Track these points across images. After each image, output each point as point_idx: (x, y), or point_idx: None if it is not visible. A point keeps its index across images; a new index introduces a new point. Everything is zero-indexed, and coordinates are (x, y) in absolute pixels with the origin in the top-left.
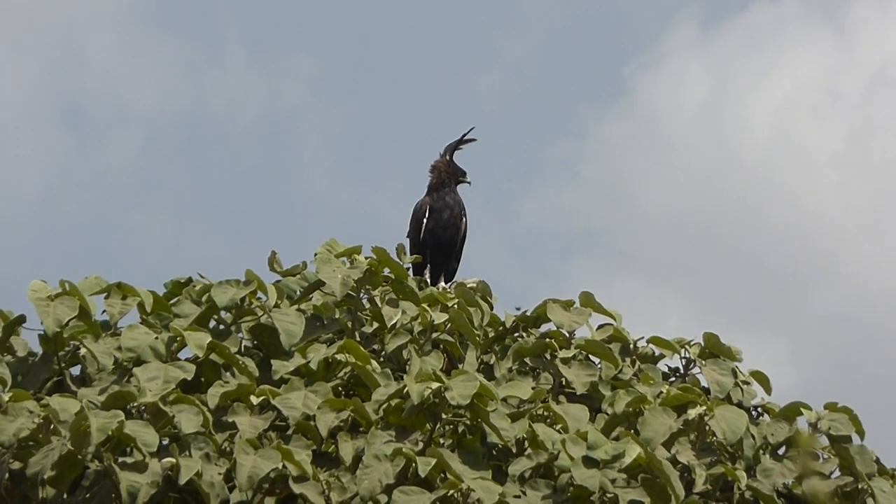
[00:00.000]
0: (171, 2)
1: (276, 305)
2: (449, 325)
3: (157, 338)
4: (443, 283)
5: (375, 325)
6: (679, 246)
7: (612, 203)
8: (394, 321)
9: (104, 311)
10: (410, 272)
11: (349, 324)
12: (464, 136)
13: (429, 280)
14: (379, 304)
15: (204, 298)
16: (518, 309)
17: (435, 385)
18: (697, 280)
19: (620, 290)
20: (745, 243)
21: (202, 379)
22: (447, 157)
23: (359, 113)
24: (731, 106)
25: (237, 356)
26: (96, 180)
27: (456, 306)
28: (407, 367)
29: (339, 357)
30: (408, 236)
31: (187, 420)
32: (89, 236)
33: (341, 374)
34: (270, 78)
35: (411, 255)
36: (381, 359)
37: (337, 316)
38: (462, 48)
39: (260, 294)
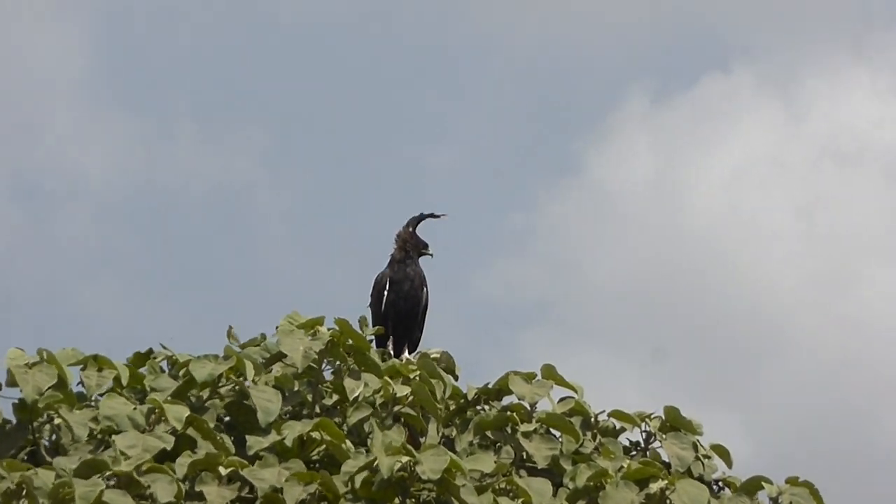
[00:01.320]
0: (123, 76)
1: (254, 381)
2: (411, 398)
3: (135, 408)
4: (407, 354)
5: (336, 397)
6: (632, 317)
7: (563, 275)
8: (356, 394)
9: (79, 383)
10: (374, 344)
11: (310, 396)
12: (432, 214)
13: (392, 351)
14: (341, 377)
15: (182, 373)
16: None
17: (405, 459)
18: (651, 351)
19: (575, 361)
20: (696, 315)
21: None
22: (410, 230)
23: (311, 185)
24: (680, 178)
25: (214, 431)
26: (49, 254)
27: (418, 378)
28: (368, 441)
29: (314, 435)
30: (370, 307)
31: (162, 489)
32: (41, 310)
33: (315, 452)
34: (222, 151)
35: (373, 326)
36: (342, 431)
37: (297, 388)
38: (413, 123)
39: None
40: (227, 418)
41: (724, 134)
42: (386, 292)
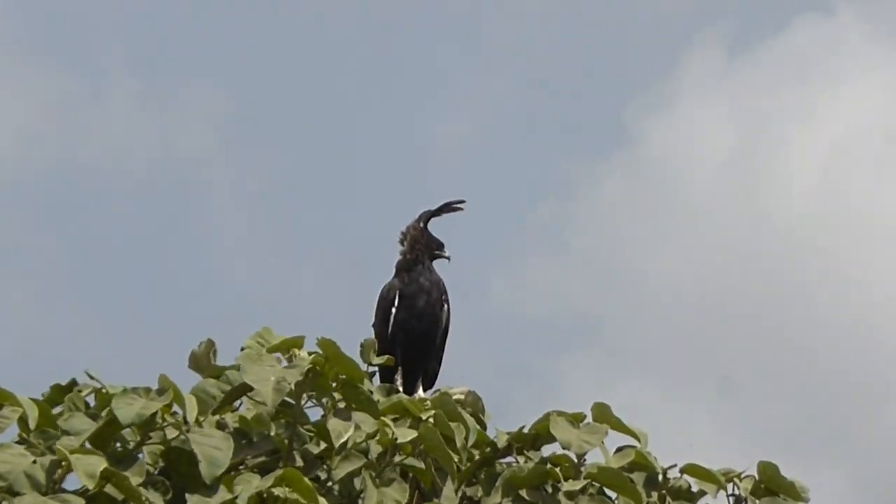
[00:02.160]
0: (37, 19)
1: (198, 422)
2: (419, 445)
3: (35, 462)
4: (420, 392)
5: (323, 444)
6: (702, 338)
7: (612, 282)
8: (343, 439)
9: None
10: (376, 377)
11: (286, 442)
12: (450, 204)
13: (400, 387)
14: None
15: (104, 413)
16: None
17: None
18: (724, 385)
19: (625, 395)
20: (789, 337)
21: None
22: (422, 225)
23: (283, 163)
24: (765, 155)
25: (141, 489)
26: None
27: (432, 420)
28: (360, 502)
29: (277, 492)
30: (373, 327)
31: None
32: None
33: None
34: (167, 116)
35: (379, 353)
36: (326, 490)
37: (270, 432)
38: (417, 85)
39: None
40: (162, 471)
41: (824, 95)
42: (395, 309)
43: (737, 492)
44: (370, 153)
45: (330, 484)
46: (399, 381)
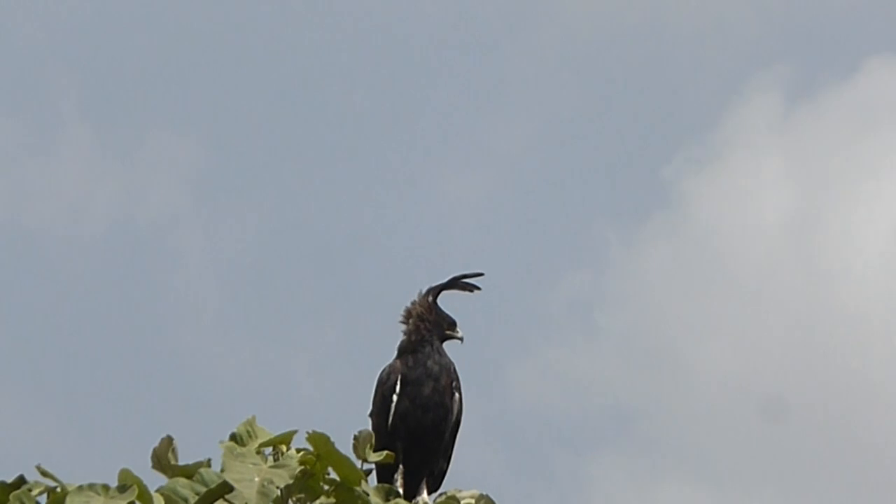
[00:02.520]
0: None
1: None
2: None
3: None
4: (425, 496)
5: None
6: (756, 435)
7: (650, 370)
8: None
9: None
10: (373, 476)
11: None
12: (463, 278)
13: (400, 489)
14: None
15: None
16: None
17: None
18: (786, 490)
19: (670, 495)
20: (858, 433)
21: None
22: (430, 299)
23: (266, 226)
24: (830, 221)
25: None
26: None
27: None
28: None
29: None
30: (370, 416)
31: None
32: None
33: None
34: (128, 170)
35: (377, 448)
36: None
37: None
38: (425, 135)
39: None
40: None
41: None
42: (396, 397)
43: None
44: (369, 214)
45: None
46: (399, 482)
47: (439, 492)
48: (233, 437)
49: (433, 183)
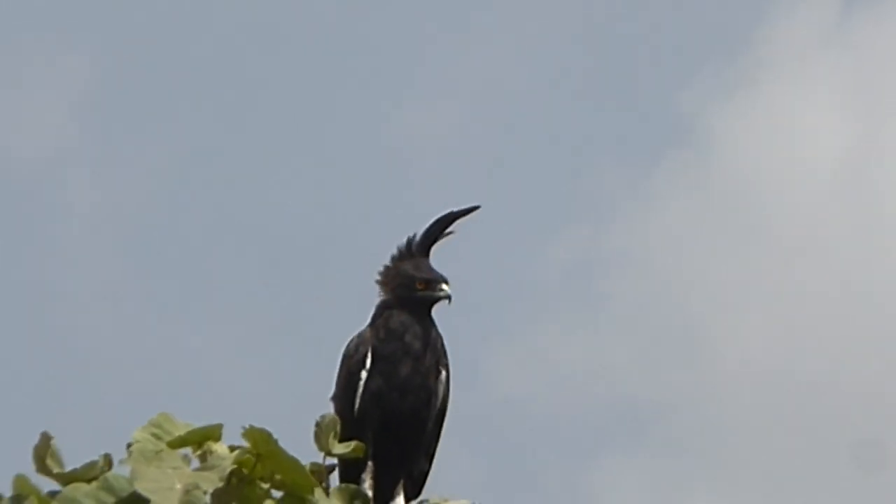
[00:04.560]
0: None
1: None
2: None
3: None
4: (400, 501)
5: None
6: (802, 434)
7: (664, 353)
8: None
9: None
10: (334, 475)
11: None
12: (454, 216)
13: (369, 490)
14: None
15: None
16: None
17: None
18: (838, 493)
19: None
20: None
21: None
22: (416, 253)
23: (171, 165)
24: (884, 178)
25: None
26: None
27: None
28: None
29: None
30: (332, 401)
31: None
32: None
33: None
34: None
35: (342, 438)
36: None
37: None
38: (388, 60)
39: None
40: None
41: None
42: (365, 374)
43: None
44: (321, 152)
45: None
46: (368, 484)
47: (419, 500)
48: (139, 439)
49: (396, 116)
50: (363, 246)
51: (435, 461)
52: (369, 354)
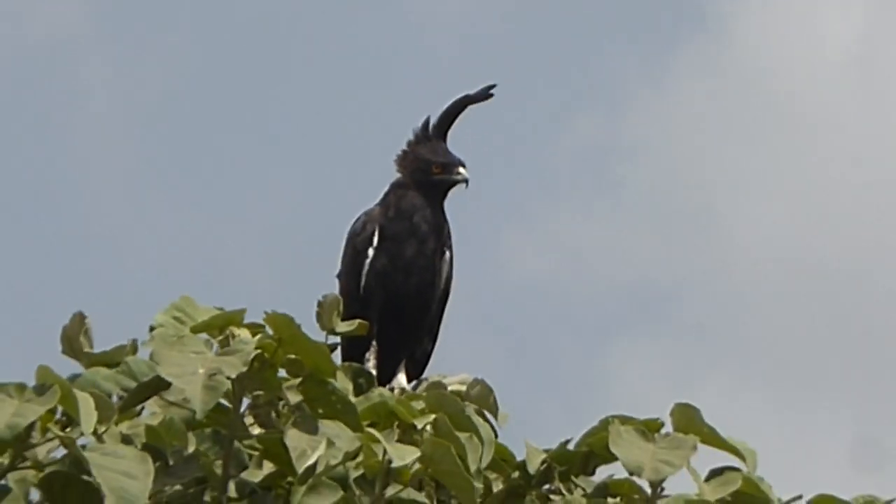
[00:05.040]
0: None
1: (97, 436)
2: (419, 468)
3: None
4: (402, 379)
5: (270, 466)
6: (821, 318)
7: (680, 237)
8: (310, 461)
9: None
10: (338, 353)
11: (218, 466)
12: (469, 99)
13: (373, 369)
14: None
15: None
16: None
17: None
18: (870, 385)
19: (712, 400)
20: None
21: None
22: (432, 137)
23: (195, 51)
24: None
25: None
26: None
27: (430, 429)
28: None
29: None
30: (337, 277)
31: None
32: None
33: None
34: None
35: (346, 317)
36: None
37: (193, 448)
38: None
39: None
40: None
41: None
42: (372, 252)
43: None
44: (334, 36)
45: None
46: (372, 363)
47: (422, 378)
48: (161, 323)
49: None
50: (377, 135)
51: (438, 341)
52: (376, 233)
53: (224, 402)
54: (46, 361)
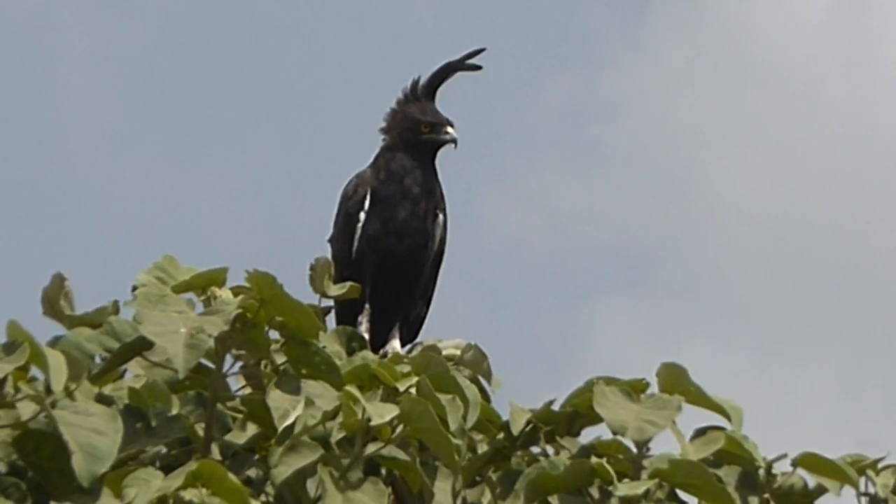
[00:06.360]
0: None
1: (68, 394)
2: (402, 428)
3: None
4: (395, 343)
5: (254, 428)
6: (802, 280)
7: (661, 197)
8: (290, 420)
9: None
10: (331, 318)
11: (200, 428)
12: (459, 63)
13: (366, 333)
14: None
15: None
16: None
17: None
18: (849, 347)
19: (696, 359)
20: None
21: None
22: (421, 97)
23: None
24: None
25: None
26: None
27: (415, 391)
28: None
29: (188, 496)
30: (329, 243)
31: None
32: None
33: None
34: None
35: (339, 280)
36: (266, 496)
37: (176, 411)
38: None
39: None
40: (14, 468)
41: None
42: (363, 216)
43: (871, 489)
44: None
45: (268, 488)
46: (365, 327)
47: (415, 342)
48: (144, 283)
49: None
50: (364, 98)
51: (432, 305)
52: (368, 196)
53: (207, 362)
54: (29, 322)
